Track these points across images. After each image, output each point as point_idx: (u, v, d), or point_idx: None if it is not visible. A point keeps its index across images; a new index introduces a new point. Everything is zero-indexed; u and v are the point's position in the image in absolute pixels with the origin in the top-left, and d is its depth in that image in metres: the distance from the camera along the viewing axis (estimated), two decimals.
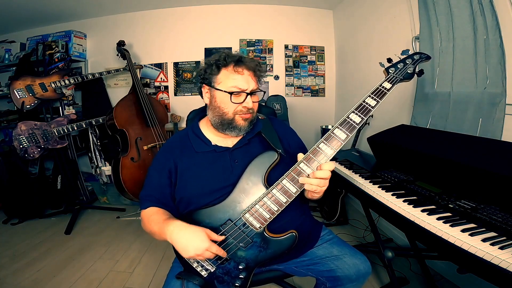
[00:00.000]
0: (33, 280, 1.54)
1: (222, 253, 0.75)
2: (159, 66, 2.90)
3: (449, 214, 0.83)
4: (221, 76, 0.85)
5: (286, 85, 2.93)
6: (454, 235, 0.71)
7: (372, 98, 0.77)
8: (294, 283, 1.47)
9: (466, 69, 1.31)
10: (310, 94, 2.97)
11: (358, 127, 0.75)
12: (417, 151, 1.10)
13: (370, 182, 1.12)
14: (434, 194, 0.95)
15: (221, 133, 0.90)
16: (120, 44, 2.50)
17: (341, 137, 0.74)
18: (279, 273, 0.96)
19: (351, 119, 0.75)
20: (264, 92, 0.94)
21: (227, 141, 0.91)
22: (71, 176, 2.52)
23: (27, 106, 2.16)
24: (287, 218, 0.82)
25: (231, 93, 0.83)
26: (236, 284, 0.79)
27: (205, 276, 0.79)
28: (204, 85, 0.90)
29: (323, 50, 2.94)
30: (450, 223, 0.77)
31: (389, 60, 0.86)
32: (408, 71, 0.83)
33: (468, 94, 1.31)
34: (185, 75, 2.91)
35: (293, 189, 0.74)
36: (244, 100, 0.84)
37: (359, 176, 1.19)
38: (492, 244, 0.65)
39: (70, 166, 2.55)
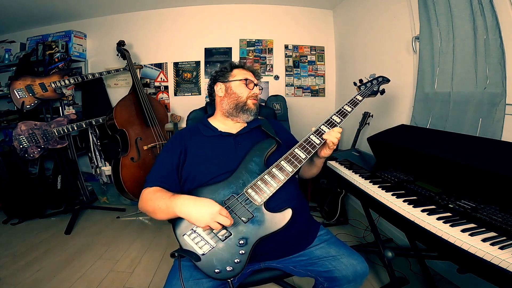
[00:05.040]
0: (33, 280, 1.54)
1: (230, 219, 0.78)
2: (159, 66, 2.90)
3: (449, 214, 0.83)
4: (235, 72, 1.12)
5: (286, 85, 2.93)
6: (454, 235, 0.71)
7: (349, 106, 1.06)
8: (293, 283, 1.47)
9: (466, 69, 1.31)
10: (310, 94, 2.97)
11: (338, 125, 0.99)
12: (417, 151, 1.10)
13: (370, 182, 1.12)
14: (434, 194, 0.96)
15: (232, 119, 1.09)
16: (120, 44, 2.50)
17: (324, 130, 0.97)
18: (279, 273, 0.96)
19: (333, 119, 1.00)
20: (262, 89, 1.18)
21: (232, 129, 1.08)
22: (71, 176, 2.52)
23: (27, 106, 2.16)
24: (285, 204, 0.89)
25: (246, 79, 1.10)
26: (236, 260, 0.80)
27: (205, 252, 0.80)
28: (217, 82, 1.13)
29: (323, 50, 2.94)
30: (450, 223, 0.77)
31: (361, 80, 1.21)
32: (374, 89, 1.19)
33: (468, 94, 1.31)
34: (185, 75, 2.91)
35: (289, 169, 0.89)
36: (253, 88, 1.11)
37: (359, 176, 1.19)
38: (492, 244, 0.65)
39: (70, 166, 2.55)
